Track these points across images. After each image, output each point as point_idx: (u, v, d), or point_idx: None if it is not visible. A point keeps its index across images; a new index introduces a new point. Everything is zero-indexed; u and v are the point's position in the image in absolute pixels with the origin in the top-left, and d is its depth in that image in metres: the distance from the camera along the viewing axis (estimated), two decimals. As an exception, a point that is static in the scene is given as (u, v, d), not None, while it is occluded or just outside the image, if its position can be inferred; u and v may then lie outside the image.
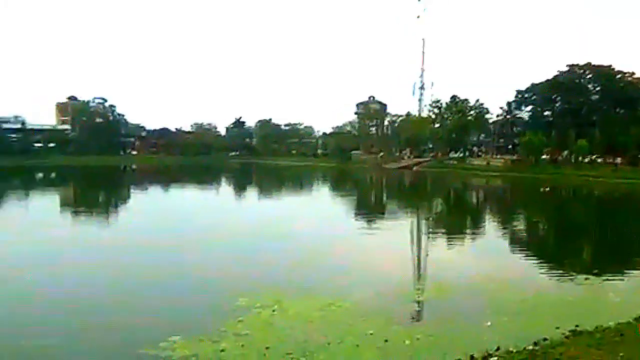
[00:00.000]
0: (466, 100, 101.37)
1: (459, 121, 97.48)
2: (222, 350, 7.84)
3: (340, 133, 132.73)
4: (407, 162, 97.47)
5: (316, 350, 7.83)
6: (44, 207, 33.36)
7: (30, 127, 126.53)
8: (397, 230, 22.49)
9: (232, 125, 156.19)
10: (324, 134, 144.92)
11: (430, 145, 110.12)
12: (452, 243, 20.16)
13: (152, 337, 8.25)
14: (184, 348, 7.91)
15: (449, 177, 70.50)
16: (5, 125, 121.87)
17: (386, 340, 8.25)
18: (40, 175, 69.74)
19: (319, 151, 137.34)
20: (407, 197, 45.80)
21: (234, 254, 16.43)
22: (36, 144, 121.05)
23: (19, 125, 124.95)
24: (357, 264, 14.99)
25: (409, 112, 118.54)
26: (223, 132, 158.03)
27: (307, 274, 13.51)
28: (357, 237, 20.70)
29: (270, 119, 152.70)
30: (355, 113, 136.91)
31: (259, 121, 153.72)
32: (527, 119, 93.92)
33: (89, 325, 9.37)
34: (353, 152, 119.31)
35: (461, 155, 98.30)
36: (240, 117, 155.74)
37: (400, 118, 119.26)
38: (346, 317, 9.49)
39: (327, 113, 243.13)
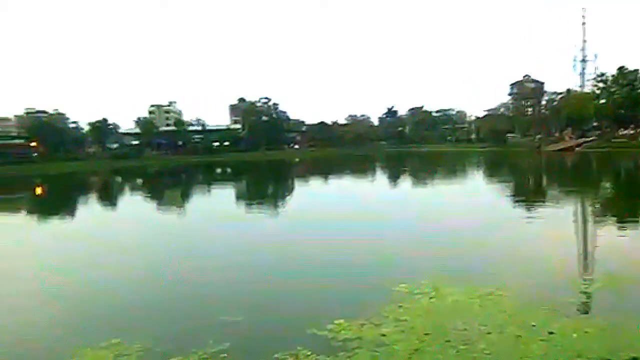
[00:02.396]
0: (636, 70, 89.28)
1: (628, 94, 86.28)
2: (383, 335, 7.92)
3: (494, 116, 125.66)
4: (568, 143, 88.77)
5: (476, 340, 7.57)
6: (225, 197, 36.71)
7: (209, 128, 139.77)
8: (560, 217, 20.71)
9: (384, 115, 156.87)
10: (477, 117, 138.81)
11: (595, 124, 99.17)
12: (624, 230, 18.00)
13: (319, 319, 8.62)
14: (348, 331, 8.15)
15: (618, 158, 63.23)
16: (190, 128, 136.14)
17: (551, 333, 7.69)
18: (219, 170, 76.57)
19: (472, 136, 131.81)
20: (570, 180, 41.99)
21: (392, 241, 16.48)
22: (214, 143, 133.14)
23: (200, 127, 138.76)
24: (516, 252, 14.15)
25: (569, 88, 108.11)
26: (376, 122, 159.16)
27: (465, 261, 13.04)
28: (516, 223, 19.51)
29: (422, 106, 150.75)
30: (510, 94, 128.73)
31: (411, 109, 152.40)
32: None
33: (266, 305, 10.11)
34: (508, 135, 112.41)
35: (632, 132, 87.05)
36: (392, 107, 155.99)
37: (560, 96, 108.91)
38: (507, 306, 9.01)
39: (479, 96, 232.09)
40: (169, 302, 10.70)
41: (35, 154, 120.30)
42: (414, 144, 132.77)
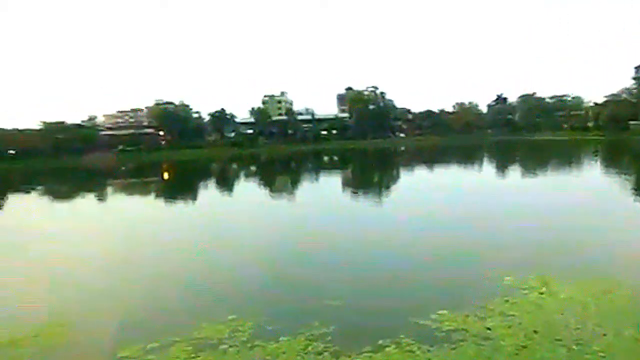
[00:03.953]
0: None
1: None
2: (489, 329, 7.63)
3: (615, 101, 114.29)
4: None
5: (590, 340, 7.02)
6: (332, 185, 37.35)
7: (317, 117, 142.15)
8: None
9: (493, 102, 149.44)
10: (596, 104, 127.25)
11: None
12: None
13: (423, 309, 8.52)
14: (452, 322, 7.96)
15: None
16: (300, 117, 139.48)
17: (677, 339, 6.94)
18: (326, 158, 77.71)
19: (589, 123, 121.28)
20: None
21: (497, 232, 15.73)
22: (322, 131, 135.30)
23: (309, 117, 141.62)
24: (638, 249, 12.90)
25: None
26: (484, 109, 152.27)
27: (579, 257, 12.08)
28: (638, 219, 17.75)
29: (533, 93, 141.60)
30: (634, 77, 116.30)
31: (521, 96, 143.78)
32: None
33: (370, 292, 10.15)
34: (631, 122, 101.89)
35: None
36: (502, 94, 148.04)
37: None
38: (625, 306, 8.26)
39: (599, 81, 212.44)
40: (280, 284, 11.12)
41: (163, 141, 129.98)
42: (524, 133, 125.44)
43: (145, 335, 8.01)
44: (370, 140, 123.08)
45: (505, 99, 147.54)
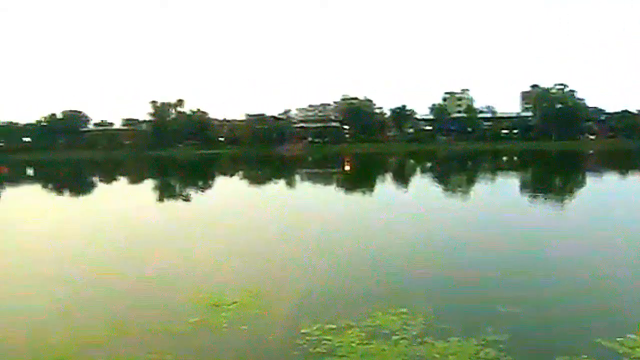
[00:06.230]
0: None
1: None
2: (691, 364, 6.49)
3: None
4: None
5: None
6: (508, 186, 35.20)
7: (498, 115, 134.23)
8: None
9: None
10: None
11: None
12: None
13: (609, 329, 7.55)
14: (643, 348, 6.95)
15: None
16: (480, 115, 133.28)
17: None
18: (505, 158, 73.12)
19: None
20: None
21: None
22: (503, 130, 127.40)
23: (489, 115, 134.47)
24: None
25: None
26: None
27: None
28: None
29: None
30: None
31: None
32: None
33: (549, 302, 9.28)
34: None
35: None
36: None
37: None
38: None
39: None
40: (454, 284, 10.80)
41: (347, 135, 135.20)
42: None
43: (326, 316, 8.43)
44: (555, 142, 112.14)
45: None
